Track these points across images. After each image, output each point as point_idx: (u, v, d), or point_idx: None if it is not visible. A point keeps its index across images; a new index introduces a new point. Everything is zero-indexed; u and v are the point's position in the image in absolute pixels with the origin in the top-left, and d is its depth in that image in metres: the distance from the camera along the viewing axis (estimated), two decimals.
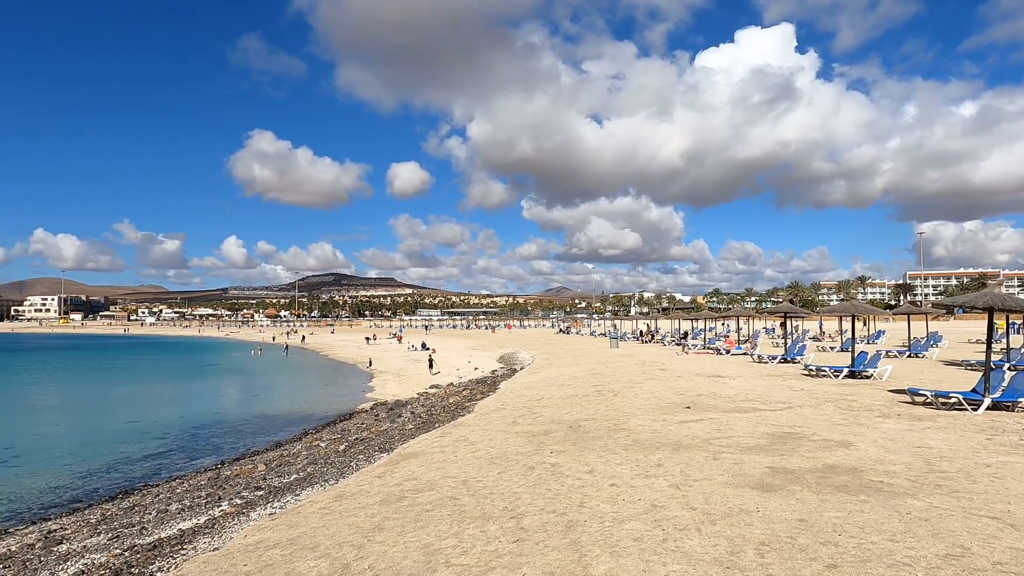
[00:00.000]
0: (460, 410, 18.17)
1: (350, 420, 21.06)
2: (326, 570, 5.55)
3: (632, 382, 19.08)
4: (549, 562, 5.28)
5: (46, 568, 7.98)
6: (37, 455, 17.24)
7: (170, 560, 7.09)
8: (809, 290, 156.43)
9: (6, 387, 37.31)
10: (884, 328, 49.17)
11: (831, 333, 50.56)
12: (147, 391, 34.57)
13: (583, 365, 27.55)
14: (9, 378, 42.99)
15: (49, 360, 61.96)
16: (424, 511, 7.09)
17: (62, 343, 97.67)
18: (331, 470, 11.95)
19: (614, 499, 7.01)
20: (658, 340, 47.13)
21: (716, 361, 26.92)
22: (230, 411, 25.89)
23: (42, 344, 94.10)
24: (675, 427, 11.39)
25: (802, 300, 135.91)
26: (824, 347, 36.08)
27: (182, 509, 10.47)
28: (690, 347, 36.54)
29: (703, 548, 5.40)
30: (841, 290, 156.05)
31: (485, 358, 45.59)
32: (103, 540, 9.07)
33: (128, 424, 22.29)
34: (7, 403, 30.47)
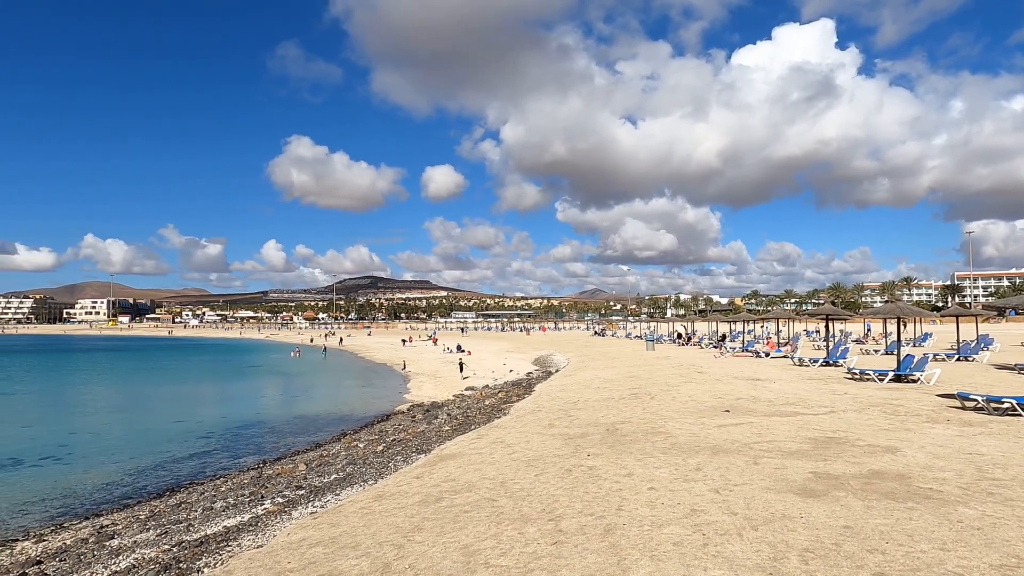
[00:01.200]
0: (496, 412, 18.23)
1: (387, 421, 21.31)
2: (367, 569, 5.63)
3: (669, 385, 18.88)
4: (588, 565, 5.27)
5: (99, 562, 8.27)
6: (89, 453, 17.86)
7: (216, 556, 7.27)
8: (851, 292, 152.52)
9: (61, 387, 38.76)
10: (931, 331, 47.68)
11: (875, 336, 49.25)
12: (191, 391, 35.53)
13: (619, 368, 27.37)
14: (63, 378, 44.67)
15: (99, 361, 64.13)
16: (462, 512, 7.14)
17: (111, 345, 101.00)
18: (370, 470, 12.11)
19: (653, 503, 6.95)
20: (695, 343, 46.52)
21: (755, 364, 26.46)
22: (271, 411, 26.44)
23: (92, 345, 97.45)
24: (714, 431, 11.24)
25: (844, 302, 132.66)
26: (868, 350, 35.15)
27: (227, 507, 10.74)
28: (728, 350, 35.99)
29: (745, 554, 5.33)
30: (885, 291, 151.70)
31: (520, 360, 45.63)
32: (152, 536, 9.36)
33: (174, 423, 22.93)
34: (62, 402, 31.65)
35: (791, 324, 52.39)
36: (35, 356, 71.51)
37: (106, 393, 36.55)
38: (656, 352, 37.92)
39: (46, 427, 23.04)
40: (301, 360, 58.29)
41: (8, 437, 20.61)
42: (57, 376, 46.50)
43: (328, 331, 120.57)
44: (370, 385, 36.36)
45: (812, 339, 48.58)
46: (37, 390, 36.78)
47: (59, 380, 43.32)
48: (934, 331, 47.72)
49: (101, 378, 46.26)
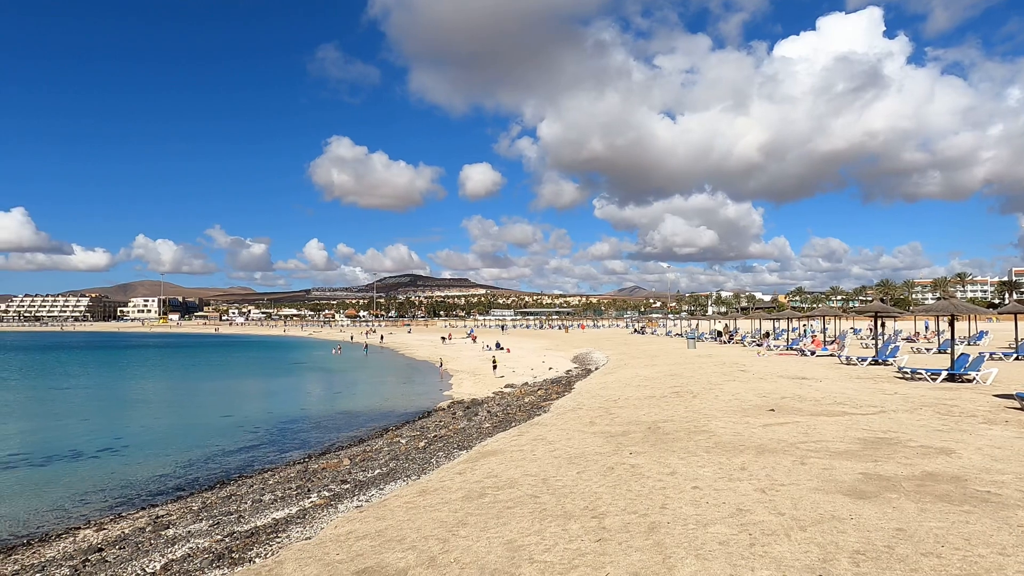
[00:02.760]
0: (536, 409, 18.26)
1: (428, 418, 21.54)
2: (413, 562, 5.73)
3: (711, 383, 18.63)
4: (633, 563, 5.26)
5: (156, 550, 8.58)
6: (143, 445, 18.53)
7: (267, 547, 7.48)
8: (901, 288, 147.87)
9: (115, 382, 40.28)
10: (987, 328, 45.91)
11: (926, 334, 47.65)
12: (238, 387, 36.51)
13: (660, 366, 27.11)
14: (117, 373, 46.43)
15: (151, 357, 66.40)
16: (505, 508, 7.19)
17: (161, 341, 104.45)
18: (412, 466, 12.27)
19: (697, 502, 6.89)
20: (737, 340, 45.76)
21: (800, 362, 25.90)
22: (315, 407, 27.00)
23: (144, 342, 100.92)
24: (759, 430, 11.06)
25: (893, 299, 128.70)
26: (919, 348, 34.05)
27: (275, 499, 11.02)
28: (771, 348, 35.30)
29: (793, 555, 5.25)
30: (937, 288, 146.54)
31: (559, 358, 45.57)
32: (205, 526, 9.67)
33: (223, 418, 23.61)
34: (116, 397, 32.89)
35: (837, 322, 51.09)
36: (91, 352, 74.42)
37: (158, 388, 37.84)
38: (697, 350, 37.42)
39: (103, 421, 23.97)
40: (342, 357, 59.31)
41: (68, 430, 21.52)
42: (112, 372, 48.33)
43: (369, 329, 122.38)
44: (411, 382, 36.79)
45: (859, 337, 47.29)
46: (93, 385, 38.28)
47: (114, 375, 45.03)
48: (990, 329, 45.93)
49: (153, 374, 47.91)
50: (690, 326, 69.38)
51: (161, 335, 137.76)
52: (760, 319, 53.90)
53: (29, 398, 32.11)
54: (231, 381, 39.93)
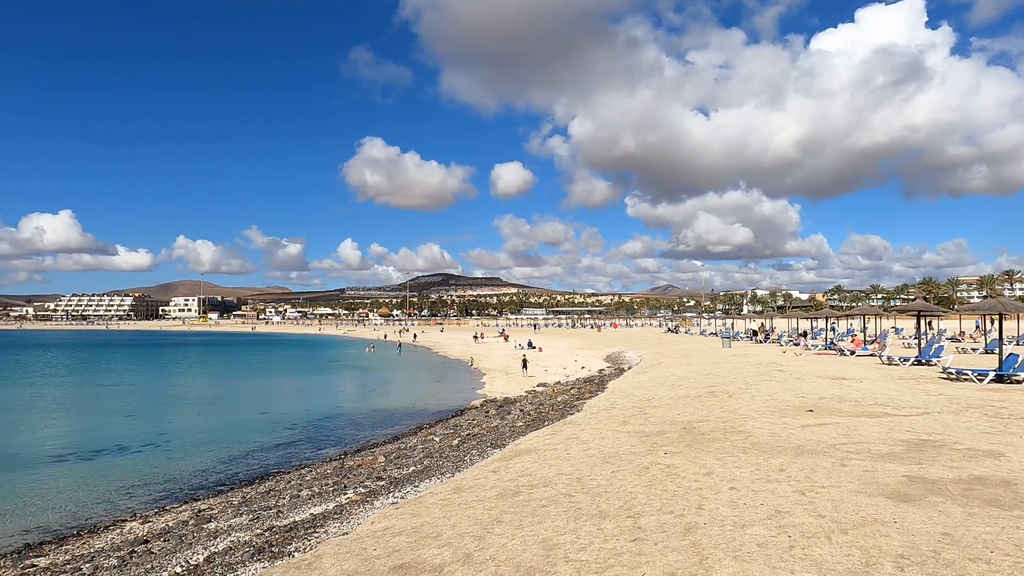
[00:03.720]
0: (569, 409, 18.23)
1: (461, 416, 21.66)
2: (449, 558, 5.78)
3: (748, 383, 18.35)
4: (669, 563, 5.22)
5: (199, 543, 8.82)
6: (185, 441, 19.03)
7: (305, 542, 7.62)
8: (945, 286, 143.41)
9: (158, 379, 41.41)
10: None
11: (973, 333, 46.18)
12: (275, 384, 37.22)
13: (694, 365, 26.81)
14: (160, 371, 47.75)
15: (191, 355, 68.09)
16: (540, 506, 7.20)
17: (201, 340, 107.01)
18: (446, 463, 12.37)
19: (734, 503, 6.80)
20: (773, 340, 44.97)
21: (839, 362, 25.34)
22: (349, 405, 27.38)
23: (184, 340, 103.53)
24: (797, 431, 10.86)
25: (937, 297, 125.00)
26: (964, 348, 33.03)
27: (312, 495, 11.22)
28: (809, 347, 34.62)
29: (834, 558, 5.15)
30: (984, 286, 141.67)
31: (591, 357, 45.38)
32: (245, 520, 9.90)
33: (261, 415, 24.10)
34: (159, 394, 33.82)
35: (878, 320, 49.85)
36: (134, 350, 76.62)
37: (198, 385, 38.79)
38: (732, 349, 36.90)
39: (146, 417, 24.67)
40: (376, 355, 59.99)
41: (114, 426, 22.21)
42: (154, 369, 49.71)
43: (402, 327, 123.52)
44: (443, 380, 37.03)
45: (901, 337, 46.08)
46: (137, 382, 39.41)
47: (156, 373, 46.31)
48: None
49: (193, 371, 49.12)
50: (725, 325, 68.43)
51: (201, 334, 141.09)
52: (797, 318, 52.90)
53: (77, 394, 33.22)
54: (268, 379, 40.72)
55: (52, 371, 47.34)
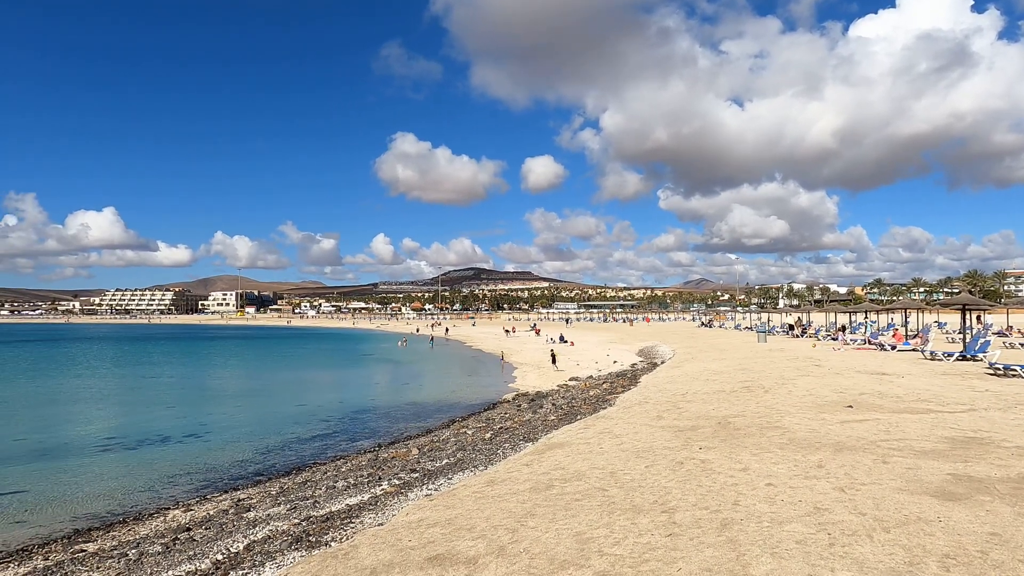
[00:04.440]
0: (601, 403, 18.15)
1: (493, 410, 21.74)
2: (484, 550, 5.81)
3: (784, 378, 18.04)
4: (705, 558, 5.17)
5: (239, 531, 9.02)
6: (224, 432, 19.48)
7: (342, 532, 7.74)
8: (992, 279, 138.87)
9: (198, 371, 42.47)
10: None
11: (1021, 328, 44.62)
12: (311, 377, 37.85)
13: (729, 360, 26.45)
14: (199, 363, 48.96)
15: (229, 348, 69.63)
16: (573, 500, 7.19)
17: (238, 333, 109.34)
18: (479, 457, 12.42)
19: (772, 499, 6.70)
20: (811, 334, 44.08)
21: (879, 357, 24.74)
22: (383, 398, 27.69)
23: (223, 334, 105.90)
24: (836, 427, 10.64)
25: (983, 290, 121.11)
26: (1012, 343, 31.93)
27: (348, 486, 11.38)
28: (848, 342, 33.86)
29: (876, 556, 5.03)
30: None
31: (623, 351, 45.09)
32: (283, 510, 10.09)
33: (297, 407, 24.54)
34: (199, 386, 34.67)
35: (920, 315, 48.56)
36: (175, 343, 78.66)
37: (236, 377, 39.66)
38: (768, 344, 36.30)
39: (187, 408, 25.31)
40: (408, 349, 60.53)
41: (156, 417, 22.85)
42: (194, 362, 50.98)
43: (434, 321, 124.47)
44: (475, 374, 37.20)
45: (945, 331, 44.75)
46: (178, 374, 40.47)
47: (196, 365, 47.48)
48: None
49: (231, 364, 50.24)
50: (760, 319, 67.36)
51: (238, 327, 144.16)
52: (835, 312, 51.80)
53: (121, 386, 34.25)
54: (304, 372, 41.42)
55: (97, 364, 48.93)
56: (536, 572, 5.18)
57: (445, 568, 5.47)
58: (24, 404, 26.93)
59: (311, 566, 6.06)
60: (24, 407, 26.03)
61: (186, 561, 7.75)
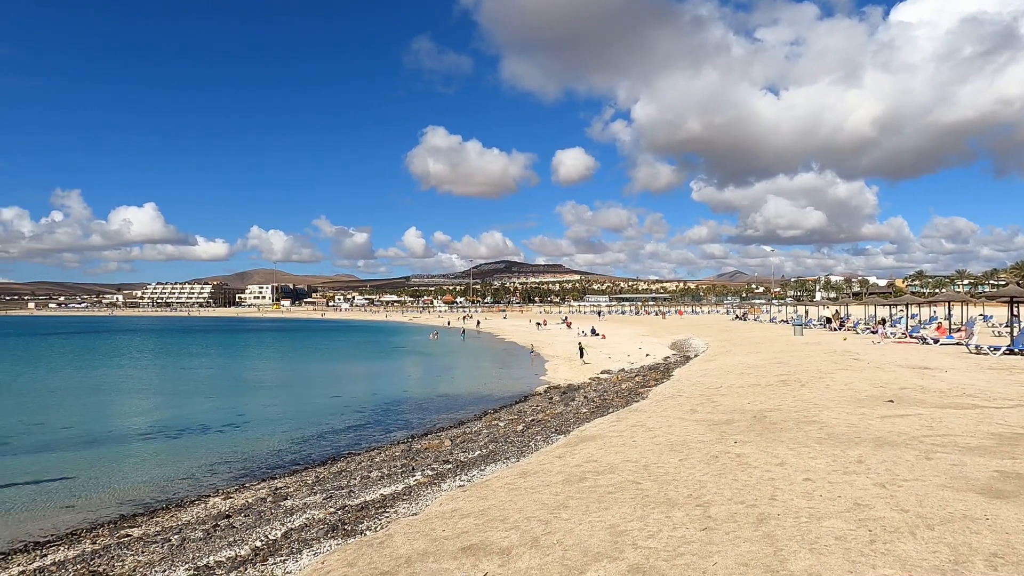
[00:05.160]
0: (633, 396, 18.04)
1: (525, 402, 21.77)
2: (517, 541, 5.83)
3: (821, 372, 17.69)
4: (741, 553, 5.10)
5: (277, 519, 9.20)
6: (261, 422, 19.89)
7: (376, 521, 7.84)
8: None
9: (235, 363, 43.41)
10: None
11: None
12: (345, 369, 38.39)
13: (764, 353, 26.03)
14: (237, 354, 50.04)
15: (265, 340, 71.01)
16: (607, 493, 7.16)
17: (274, 326, 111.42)
18: (511, 448, 12.46)
19: (809, 494, 6.58)
20: (849, 328, 43.13)
21: (921, 351, 24.08)
22: (415, 389, 27.96)
23: (260, 327, 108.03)
24: (876, 422, 10.40)
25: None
26: None
27: (382, 476, 11.52)
28: (888, 335, 33.04)
29: (920, 554, 4.91)
30: None
31: (656, 344, 44.73)
32: (319, 499, 10.27)
33: (331, 398, 24.92)
34: (237, 377, 35.44)
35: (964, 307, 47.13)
36: (214, 335, 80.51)
37: (272, 369, 40.44)
38: (805, 337, 35.63)
39: (225, 398, 25.90)
40: (440, 342, 60.95)
41: (197, 407, 23.43)
42: (232, 353, 52.11)
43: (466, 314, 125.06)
44: (507, 366, 37.30)
45: (991, 324, 43.36)
46: (216, 365, 41.42)
47: (234, 357, 48.54)
48: None
49: (268, 355, 51.23)
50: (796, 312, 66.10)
51: (274, 320, 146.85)
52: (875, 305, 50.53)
53: (162, 377, 35.22)
54: (337, 363, 42.03)
55: (139, 355, 50.38)
56: (570, 564, 5.18)
57: (479, 558, 5.50)
58: (71, 393, 27.87)
59: (347, 554, 6.15)
60: (71, 396, 26.95)
61: (226, 547, 7.93)
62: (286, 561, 6.76)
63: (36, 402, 24.90)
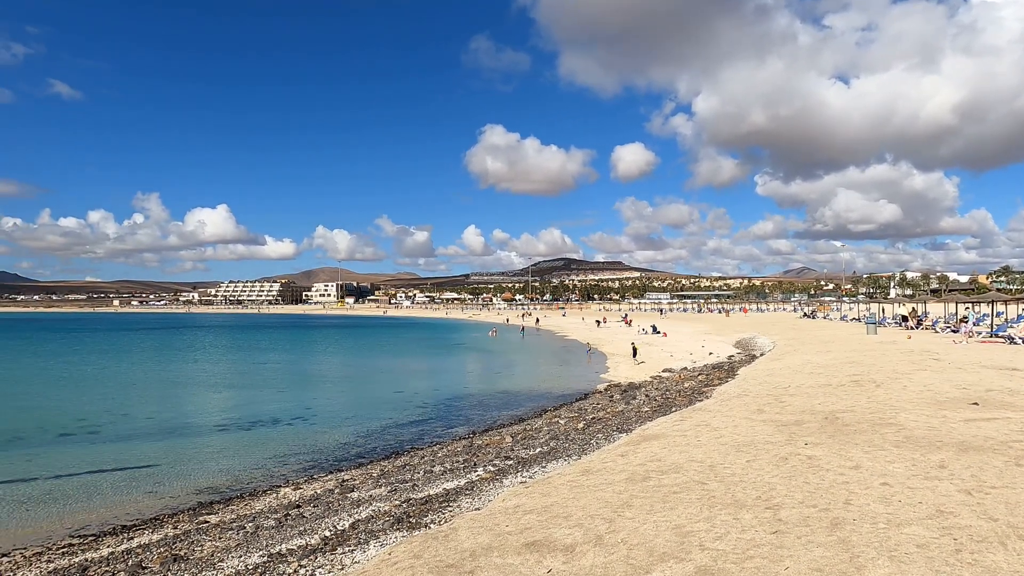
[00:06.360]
0: (697, 395, 17.68)
1: (585, 400, 21.65)
2: (580, 539, 5.80)
3: (898, 372, 16.89)
4: (815, 558, 4.93)
5: (344, 510, 9.47)
6: (328, 416, 20.48)
7: (440, 514, 7.95)
8: None
9: (303, 358, 44.86)
10: None
11: None
12: (407, 365, 39.09)
13: (835, 352, 25.06)
14: (304, 349, 51.71)
15: (331, 337, 73.08)
16: (671, 492, 7.05)
17: (339, 323, 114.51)
18: (572, 446, 12.42)
19: (887, 499, 6.30)
20: (927, 326, 41.03)
21: (1009, 351, 22.68)
22: (475, 386, 28.20)
23: (325, 323, 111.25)
24: (959, 425, 9.86)
25: None
26: None
27: (444, 471, 11.69)
28: (972, 334, 31.25)
29: (1010, 565, 4.63)
30: None
31: (719, 343, 43.68)
32: (384, 492, 10.50)
33: (394, 394, 25.43)
34: (305, 371, 36.63)
35: None
36: (282, 332, 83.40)
37: (338, 364, 41.58)
38: (879, 336, 34.10)
39: (294, 392, 26.80)
40: (499, 339, 61.28)
41: (268, 400, 24.33)
42: (299, 348, 53.88)
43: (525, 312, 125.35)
44: (566, 364, 37.17)
45: None
46: (285, 360, 42.90)
47: (302, 352, 50.16)
48: None
49: (333, 351, 52.70)
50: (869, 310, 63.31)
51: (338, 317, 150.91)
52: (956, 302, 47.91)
53: (235, 371, 36.74)
54: (399, 359, 42.85)
55: (214, 350, 52.74)
56: (635, 563, 5.12)
57: (543, 554, 5.51)
58: (153, 386, 29.41)
59: (413, 546, 6.26)
60: (153, 389, 28.43)
61: (297, 536, 8.21)
62: (354, 551, 6.94)
63: (122, 394, 26.38)
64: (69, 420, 19.64)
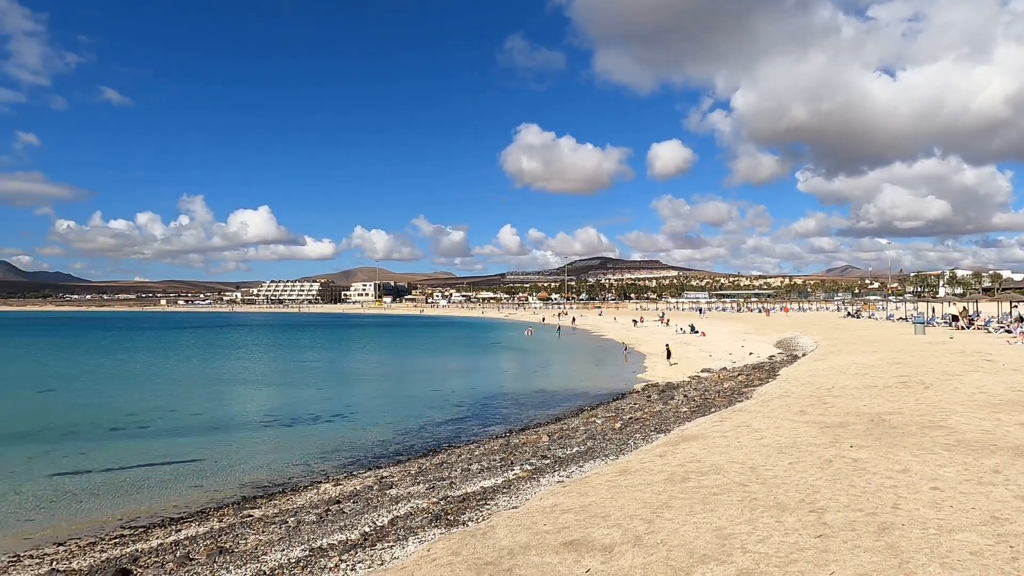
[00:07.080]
0: (737, 395, 17.39)
1: (622, 400, 21.50)
2: (619, 539, 5.76)
3: (948, 374, 16.34)
4: (862, 563, 4.80)
5: (383, 507, 9.58)
6: (367, 413, 20.78)
7: (477, 512, 7.99)
8: None
9: (342, 356, 45.58)
10: None
11: None
12: (444, 363, 39.39)
13: (881, 353, 24.36)
14: (344, 348, 52.53)
15: (370, 335, 74.08)
16: (711, 494, 6.95)
17: (377, 321, 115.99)
18: (609, 446, 12.34)
19: (938, 504, 6.09)
20: (979, 326, 39.55)
21: None
22: (512, 385, 28.25)
23: (363, 322, 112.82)
24: (1014, 428, 9.49)
25: None
26: None
27: (481, 469, 11.74)
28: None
29: None
30: None
31: (760, 342, 42.87)
32: (422, 489, 10.59)
33: (432, 392, 25.65)
34: (345, 370, 37.20)
35: None
36: (322, 330, 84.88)
37: (376, 362, 42.13)
38: (927, 336, 33.03)
39: (334, 390, 27.25)
40: (535, 338, 61.25)
41: (309, 398, 24.80)
42: (338, 347, 54.76)
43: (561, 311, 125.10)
44: (603, 364, 36.97)
45: None
46: (324, 359, 43.63)
47: (340, 350, 50.98)
48: None
49: (371, 349, 53.42)
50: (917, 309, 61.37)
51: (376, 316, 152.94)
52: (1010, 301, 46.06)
53: (276, 368, 37.55)
54: (436, 358, 43.19)
55: (256, 348, 53.97)
56: (675, 565, 5.07)
57: (581, 554, 5.49)
58: (198, 383, 30.24)
59: (451, 543, 6.30)
60: (198, 386, 29.23)
61: (337, 531, 8.34)
62: (393, 547, 7.01)
63: (168, 391, 27.19)
64: (120, 415, 20.34)
